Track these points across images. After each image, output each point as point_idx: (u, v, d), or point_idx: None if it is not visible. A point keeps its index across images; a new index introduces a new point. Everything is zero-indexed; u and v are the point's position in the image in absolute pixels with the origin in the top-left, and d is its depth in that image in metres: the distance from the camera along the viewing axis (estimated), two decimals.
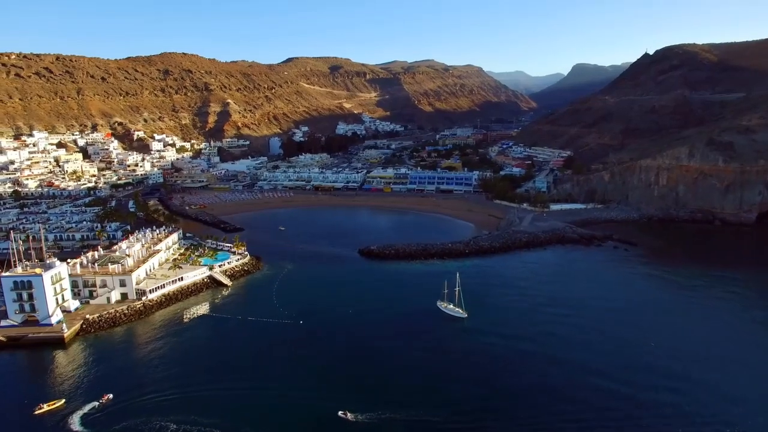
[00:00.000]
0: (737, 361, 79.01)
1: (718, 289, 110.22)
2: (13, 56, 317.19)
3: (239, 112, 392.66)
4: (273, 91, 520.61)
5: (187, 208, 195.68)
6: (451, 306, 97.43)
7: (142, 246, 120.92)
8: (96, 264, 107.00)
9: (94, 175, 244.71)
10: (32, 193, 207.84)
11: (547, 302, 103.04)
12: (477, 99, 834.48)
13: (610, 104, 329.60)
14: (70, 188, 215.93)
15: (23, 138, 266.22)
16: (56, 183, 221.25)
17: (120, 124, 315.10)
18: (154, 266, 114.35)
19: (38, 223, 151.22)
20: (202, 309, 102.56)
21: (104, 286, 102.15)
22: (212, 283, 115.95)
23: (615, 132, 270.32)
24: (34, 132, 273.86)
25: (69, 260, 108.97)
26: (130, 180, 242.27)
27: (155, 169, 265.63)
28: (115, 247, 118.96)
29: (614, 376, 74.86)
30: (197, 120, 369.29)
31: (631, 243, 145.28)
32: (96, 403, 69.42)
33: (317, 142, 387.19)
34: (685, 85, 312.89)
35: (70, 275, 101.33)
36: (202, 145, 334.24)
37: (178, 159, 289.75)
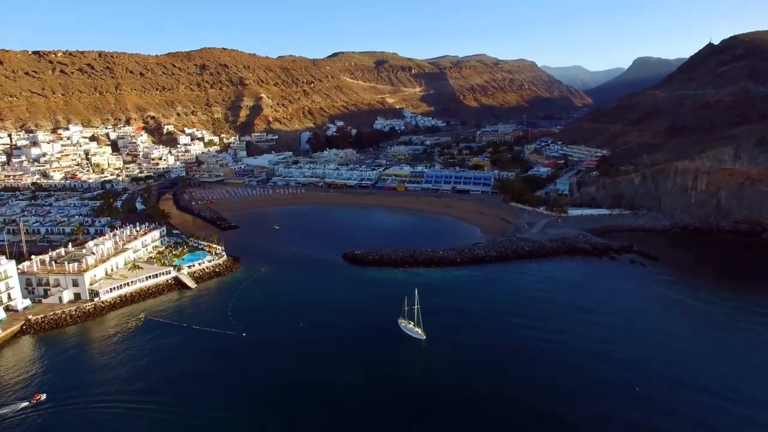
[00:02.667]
0: None
1: (747, 320, 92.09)
2: (60, 54, 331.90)
3: (271, 107, 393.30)
4: (312, 85, 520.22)
5: (193, 203, 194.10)
6: (411, 325, 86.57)
7: (114, 244, 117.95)
8: (55, 262, 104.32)
9: (118, 168, 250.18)
10: (55, 185, 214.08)
11: (527, 326, 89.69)
12: (526, 94, 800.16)
13: (659, 99, 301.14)
14: (90, 181, 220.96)
15: (59, 131, 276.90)
16: (79, 175, 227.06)
17: (152, 118, 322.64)
18: (118, 265, 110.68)
19: (37, 216, 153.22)
20: (153, 313, 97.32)
21: (57, 285, 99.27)
22: (177, 285, 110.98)
23: (659, 130, 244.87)
24: (70, 126, 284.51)
25: (34, 256, 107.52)
26: (151, 173, 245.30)
27: (178, 162, 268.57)
28: (86, 244, 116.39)
29: None
30: (229, 114, 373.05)
31: (651, 257, 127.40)
32: (26, 403, 67.64)
33: (347, 137, 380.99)
34: (748, 78, 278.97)
35: (25, 273, 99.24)
36: (231, 139, 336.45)
37: (203, 153, 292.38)
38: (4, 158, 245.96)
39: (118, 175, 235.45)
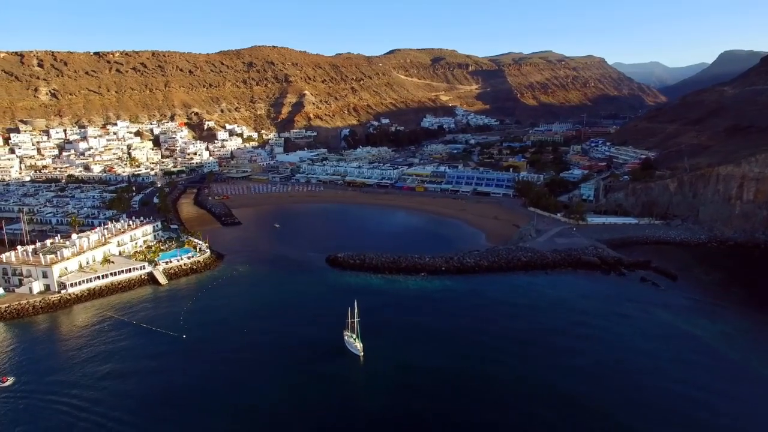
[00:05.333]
0: None
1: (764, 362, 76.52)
2: (117, 54, 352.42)
3: (313, 104, 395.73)
4: (361, 82, 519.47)
5: (209, 198, 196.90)
6: (352, 339, 79.62)
7: (100, 237, 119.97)
8: (34, 253, 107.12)
9: (154, 162, 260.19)
10: (92, 177, 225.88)
11: (484, 350, 79.83)
12: (590, 92, 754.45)
13: (726, 96, 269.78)
14: (125, 174, 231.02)
15: (108, 127, 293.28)
16: (115, 169, 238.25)
17: (196, 114, 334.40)
18: (95, 258, 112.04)
19: (56, 206, 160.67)
20: (113, 308, 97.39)
21: (29, 276, 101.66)
22: (150, 280, 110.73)
23: (717, 130, 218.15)
24: (119, 121, 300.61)
25: (19, 247, 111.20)
26: (183, 168, 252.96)
27: (212, 158, 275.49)
28: (72, 236, 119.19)
29: None
30: (272, 111, 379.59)
31: (669, 275, 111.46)
32: None
33: (386, 135, 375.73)
34: None
35: (1, 263, 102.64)
36: (270, 136, 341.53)
37: (238, 149, 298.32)
38: (56, 152, 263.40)
39: (152, 169, 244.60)
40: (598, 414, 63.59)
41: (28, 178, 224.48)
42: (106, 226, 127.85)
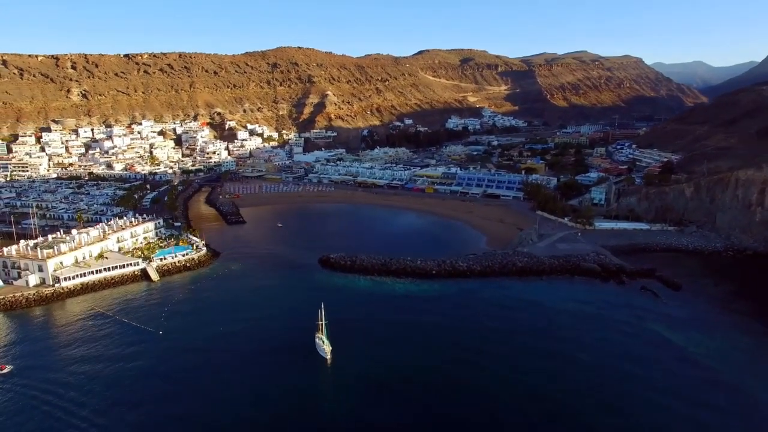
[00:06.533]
0: None
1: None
2: (145, 56, 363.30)
3: (335, 104, 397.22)
4: (386, 83, 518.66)
5: (220, 197, 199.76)
6: (321, 342, 78.40)
7: (100, 233, 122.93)
8: (33, 248, 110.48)
9: (174, 161, 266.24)
10: (113, 175, 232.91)
11: (455, 358, 77.29)
12: (625, 93, 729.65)
13: (765, 96, 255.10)
14: (144, 172, 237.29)
15: (132, 126, 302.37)
16: (135, 167, 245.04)
17: (219, 114, 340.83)
18: (91, 254, 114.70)
19: (70, 202, 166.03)
20: (101, 302, 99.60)
21: (26, 269, 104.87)
22: (143, 276, 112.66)
23: (749, 132, 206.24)
24: (143, 121, 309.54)
25: (22, 241, 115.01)
26: (201, 167, 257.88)
27: (230, 157, 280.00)
28: (73, 231, 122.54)
29: None
30: (294, 111, 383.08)
31: (672, 285, 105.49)
32: None
33: (405, 135, 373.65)
34: None
35: (2, 257, 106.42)
36: (291, 136, 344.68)
37: (257, 148, 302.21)
38: (83, 150, 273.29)
39: (171, 168, 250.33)
40: (564, 419, 60.28)
41: (54, 175, 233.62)
42: (108, 223, 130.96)
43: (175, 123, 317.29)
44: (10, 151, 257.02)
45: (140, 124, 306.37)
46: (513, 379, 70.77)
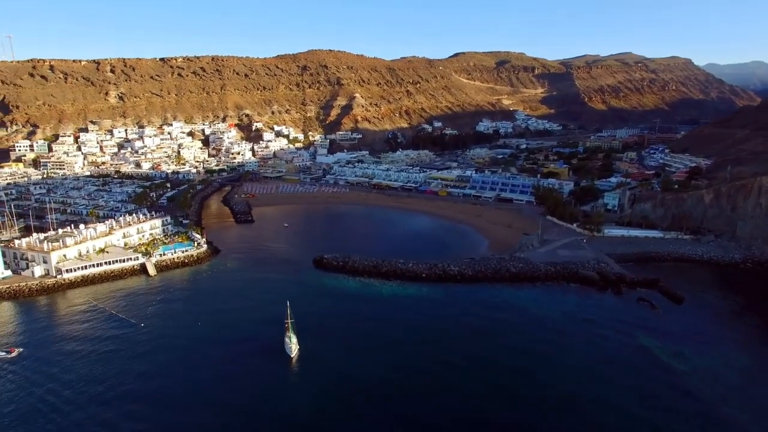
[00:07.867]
0: None
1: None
2: (180, 59, 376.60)
3: (363, 106, 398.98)
4: (417, 85, 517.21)
5: (235, 196, 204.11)
6: (288, 341, 78.55)
7: (107, 228, 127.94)
8: (40, 241, 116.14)
9: (200, 161, 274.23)
10: (140, 174, 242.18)
11: (419, 364, 75.86)
12: (669, 96, 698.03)
13: None
14: (169, 171, 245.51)
15: (163, 127, 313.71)
16: (162, 166, 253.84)
17: (247, 115, 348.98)
18: (95, 248, 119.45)
19: (91, 199, 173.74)
20: (97, 294, 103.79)
21: (33, 260, 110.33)
22: (141, 271, 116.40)
23: None
24: (174, 122, 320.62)
25: (35, 233, 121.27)
26: (225, 167, 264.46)
27: (253, 158, 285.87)
28: (80, 226, 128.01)
29: None
30: (321, 113, 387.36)
31: (674, 297, 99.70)
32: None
33: (430, 137, 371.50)
34: None
35: (11, 248, 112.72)
36: (317, 137, 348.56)
37: (281, 149, 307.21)
38: (115, 149, 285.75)
39: (195, 167, 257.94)
40: None
41: (87, 173, 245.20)
42: (117, 219, 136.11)
43: (204, 124, 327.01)
44: (50, 150, 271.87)
45: (171, 125, 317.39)
46: (472, 392, 68.63)
